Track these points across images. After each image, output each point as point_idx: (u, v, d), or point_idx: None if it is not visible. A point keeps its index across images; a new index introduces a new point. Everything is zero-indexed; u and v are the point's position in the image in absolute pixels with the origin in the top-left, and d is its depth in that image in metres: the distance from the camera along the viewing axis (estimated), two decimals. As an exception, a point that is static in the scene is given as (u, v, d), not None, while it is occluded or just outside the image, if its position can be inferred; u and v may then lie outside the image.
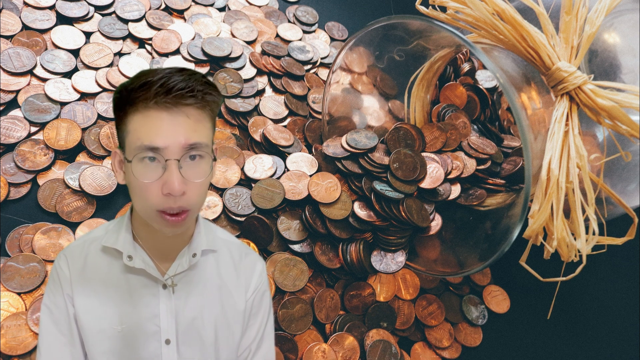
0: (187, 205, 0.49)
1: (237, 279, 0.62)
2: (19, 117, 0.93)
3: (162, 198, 0.48)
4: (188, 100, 0.48)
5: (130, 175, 0.50)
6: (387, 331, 0.93)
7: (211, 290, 0.60)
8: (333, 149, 1.03)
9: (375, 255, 0.97)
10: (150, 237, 0.56)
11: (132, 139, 0.49)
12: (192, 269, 0.59)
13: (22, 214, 0.86)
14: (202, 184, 0.50)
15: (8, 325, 0.75)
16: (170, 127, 0.47)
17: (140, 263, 0.56)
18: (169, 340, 0.57)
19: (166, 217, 0.49)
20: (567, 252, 0.73)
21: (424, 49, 1.05)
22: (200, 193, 0.51)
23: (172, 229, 0.51)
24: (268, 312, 0.65)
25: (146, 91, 0.47)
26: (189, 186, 0.49)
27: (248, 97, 1.12)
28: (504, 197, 1.02)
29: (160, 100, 0.47)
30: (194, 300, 0.58)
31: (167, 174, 0.48)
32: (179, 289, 0.57)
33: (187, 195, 0.49)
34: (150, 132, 0.47)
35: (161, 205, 0.49)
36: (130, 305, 0.56)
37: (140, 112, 0.48)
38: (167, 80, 0.47)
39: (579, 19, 0.79)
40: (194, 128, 0.49)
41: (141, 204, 0.50)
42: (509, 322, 1.03)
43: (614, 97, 0.73)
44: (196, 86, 0.48)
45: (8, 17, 1.05)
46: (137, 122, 0.48)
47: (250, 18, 1.28)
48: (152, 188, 0.48)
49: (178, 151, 0.48)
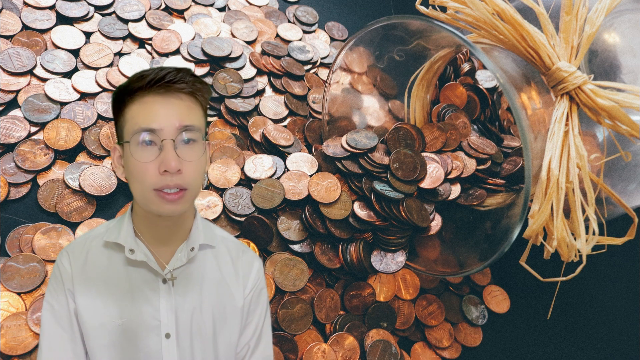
0: (184, 183, 0.53)
1: (236, 275, 0.64)
2: (19, 117, 0.93)
3: (159, 177, 0.52)
4: (180, 85, 0.53)
5: (128, 158, 0.53)
6: (387, 331, 0.93)
7: (210, 285, 0.61)
8: (333, 149, 1.03)
9: (375, 255, 0.97)
10: (151, 229, 0.58)
11: (131, 125, 0.53)
12: (191, 262, 0.60)
13: (22, 214, 0.86)
14: (197, 165, 0.54)
15: (8, 325, 0.75)
16: (164, 110, 0.52)
17: (142, 256, 0.57)
18: (169, 335, 0.58)
19: (164, 195, 0.52)
20: (567, 252, 0.73)
21: (424, 49, 1.05)
22: (196, 172, 0.54)
23: (170, 207, 0.53)
24: (265, 309, 0.67)
25: (142, 81, 0.52)
26: (185, 165, 0.52)
27: (248, 97, 1.12)
28: (504, 197, 1.02)
29: (154, 87, 0.52)
30: (193, 295, 0.59)
31: (164, 153, 0.52)
32: (178, 284, 0.59)
33: (183, 174, 0.52)
34: (147, 116, 0.52)
35: (159, 184, 0.52)
36: (130, 300, 0.58)
37: (137, 100, 0.53)
38: (160, 71, 0.53)
39: (579, 19, 0.79)
40: (187, 112, 0.54)
41: (139, 186, 0.53)
42: (509, 322, 1.03)
43: (614, 97, 0.73)
44: (186, 76, 0.53)
45: (8, 17, 1.05)
46: (135, 110, 0.53)
47: (250, 18, 1.28)
48: (150, 168, 0.52)
49: (173, 132, 0.52)
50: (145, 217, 0.58)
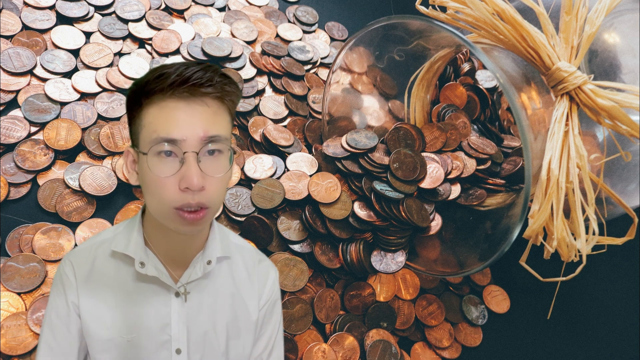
0: (206, 202, 0.47)
1: (251, 287, 0.60)
2: (19, 117, 0.93)
3: (179, 194, 0.46)
4: (206, 89, 0.46)
5: (145, 170, 0.47)
6: (387, 331, 0.93)
7: (224, 298, 0.58)
8: (333, 149, 1.03)
9: (375, 255, 0.97)
10: (163, 241, 0.53)
11: (148, 132, 0.46)
12: (206, 277, 0.56)
13: (22, 214, 0.86)
14: (222, 180, 0.48)
15: (8, 325, 0.75)
16: (188, 117, 0.45)
17: (153, 270, 0.53)
18: (180, 350, 0.55)
19: (184, 214, 0.46)
20: (567, 252, 0.73)
21: (424, 49, 1.05)
22: (220, 189, 0.48)
23: (189, 228, 0.48)
24: (279, 321, 0.64)
25: (163, 82, 0.45)
26: (208, 181, 0.46)
27: (248, 97, 1.12)
28: (504, 197, 1.02)
29: (177, 90, 0.45)
30: (206, 309, 0.56)
31: (185, 168, 0.45)
32: (191, 297, 0.55)
33: (206, 191, 0.46)
34: (167, 124, 0.45)
35: (179, 202, 0.46)
36: (140, 314, 0.54)
37: (156, 103, 0.46)
38: (184, 70, 0.45)
39: (579, 19, 0.79)
40: (213, 120, 0.47)
41: (156, 202, 0.47)
42: (509, 322, 1.03)
43: (614, 97, 0.73)
44: (215, 76, 0.46)
45: (8, 17, 1.04)
46: (153, 115, 0.46)
47: (250, 18, 1.28)
48: (168, 183, 0.46)
49: (196, 144, 0.46)
50: (157, 227, 0.53)
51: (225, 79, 0.47)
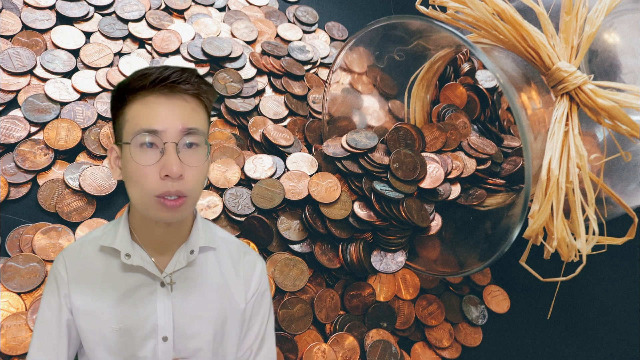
0: (185, 190, 0.50)
1: (237, 278, 0.62)
2: (19, 117, 0.93)
3: (160, 182, 0.50)
4: (185, 87, 0.51)
5: (128, 160, 0.51)
6: (387, 331, 0.93)
7: (211, 288, 0.60)
8: (333, 149, 1.03)
9: (375, 255, 0.97)
10: (148, 233, 0.56)
11: (131, 125, 0.51)
12: (191, 266, 0.59)
13: (22, 214, 0.86)
14: (199, 171, 0.52)
15: (8, 325, 0.75)
16: (168, 111, 0.50)
17: (139, 260, 0.56)
18: (166, 338, 0.57)
19: (165, 202, 0.50)
20: (567, 252, 0.73)
21: (424, 49, 1.05)
22: (198, 179, 0.52)
23: (169, 215, 0.51)
24: (269, 311, 0.65)
25: (145, 79, 0.50)
26: (187, 171, 0.50)
27: (248, 97, 1.12)
28: (504, 197, 1.02)
29: (158, 87, 0.50)
30: (192, 298, 0.58)
31: (165, 157, 0.49)
32: (177, 287, 0.58)
33: (185, 180, 0.50)
34: (148, 116, 0.50)
35: (159, 190, 0.50)
36: (127, 305, 0.56)
37: (139, 99, 0.51)
38: (164, 70, 0.50)
39: (579, 19, 0.79)
40: (192, 114, 0.51)
41: (138, 191, 0.51)
42: (509, 322, 1.03)
43: (614, 97, 0.73)
44: (192, 77, 0.51)
45: (8, 17, 1.05)
46: (136, 109, 0.51)
47: (250, 18, 1.28)
48: (150, 173, 0.49)
49: (176, 135, 0.50)
50: (142, 220, 0.56)
51: (201, 79, 0.52)
